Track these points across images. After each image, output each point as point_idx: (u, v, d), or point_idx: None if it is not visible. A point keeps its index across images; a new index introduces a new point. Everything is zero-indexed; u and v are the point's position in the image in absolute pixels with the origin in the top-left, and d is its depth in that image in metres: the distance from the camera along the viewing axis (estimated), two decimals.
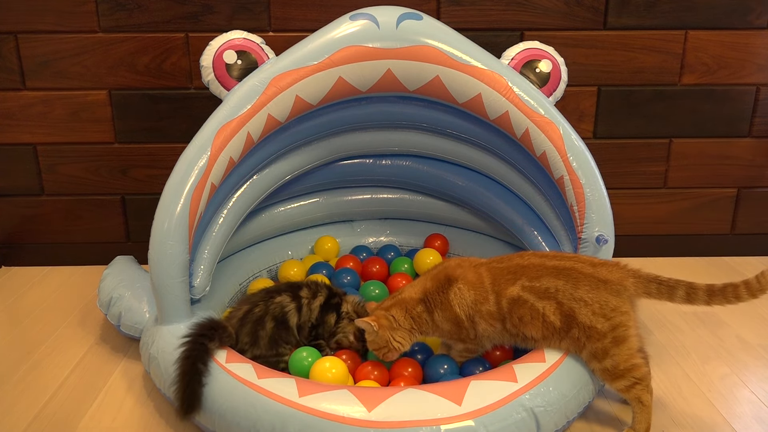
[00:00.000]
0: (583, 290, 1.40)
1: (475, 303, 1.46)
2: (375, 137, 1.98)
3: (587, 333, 1.39)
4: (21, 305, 2.03)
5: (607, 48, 2.13)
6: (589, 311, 1.39)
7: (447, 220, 2.15)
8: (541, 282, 1.43)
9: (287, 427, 1.25)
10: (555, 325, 1.41)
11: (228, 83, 1.68)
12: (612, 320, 1.38)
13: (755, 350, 1.78)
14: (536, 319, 1.42)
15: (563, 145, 1.65)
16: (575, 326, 1.39)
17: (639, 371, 1.38)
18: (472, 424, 1.24)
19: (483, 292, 1.46)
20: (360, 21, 1.67)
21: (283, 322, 1.57)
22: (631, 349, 1.38)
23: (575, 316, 1.39)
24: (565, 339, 1.41)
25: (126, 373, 1.67)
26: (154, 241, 1.53)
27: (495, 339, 1.51)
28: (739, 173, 2.28)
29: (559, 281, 1.41)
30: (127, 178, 2.22)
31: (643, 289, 1.39)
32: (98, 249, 2.28)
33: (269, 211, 2.06)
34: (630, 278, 1.40)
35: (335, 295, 1.66)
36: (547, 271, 1.44)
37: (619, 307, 1.38)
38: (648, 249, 2.32)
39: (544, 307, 1.41)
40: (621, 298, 1.39)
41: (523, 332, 1.45)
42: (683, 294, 1.37)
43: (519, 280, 1.44)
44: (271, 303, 1.58)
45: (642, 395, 1.38)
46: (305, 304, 1.61)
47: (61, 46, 2.09)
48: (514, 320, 1.44)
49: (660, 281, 1.39)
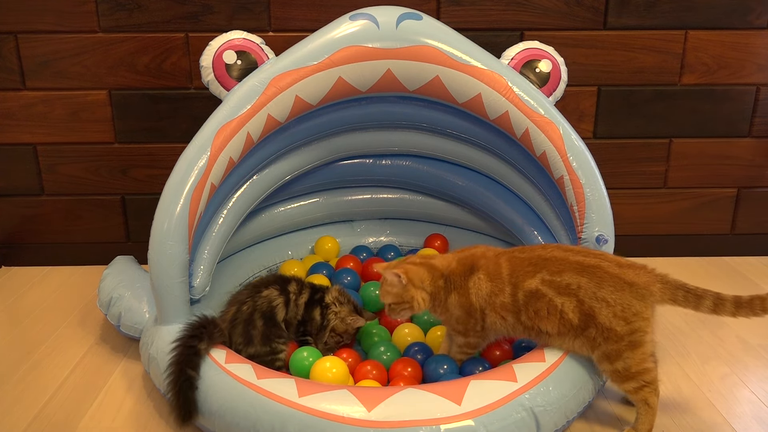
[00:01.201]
0: (606, 290, 1.36)
1: (489, 295, 1.44)
2: (375, 137, 1.98)
3: (605, 334, 1.36)
4: (21, 305, 2.03)
5: (607, 48, 2.13)
6: (610, 312, 1.36)
7: (447, 220, 2.15)
8: (563, 277, 1.39)
9: (287, 427, 1.25)
10: (572, 322, 1.38)
11: (228, 83, 1.68)
12: (632, 324, 1.35)
13: (755, 350, 1.78)
14: (553, 315, 1.39)
15: (563, 145, 1.65)
16: (593, 326, 1.37)
17: (649, 375, 1.37)
18: (471, 423, 1.24)
19: (500, 283, 1.44)
20: (360, 21, 1.67)
21: (271, 318, 1.57)
22: (645, 354, 1.36)
23: (595, 315, 1.36)
24: (579, 337, 1.39)
25: (126, 373, 1.67)
26: (154, 241, 1.53)
27: (502, 332, 1.49)
28: (739, 173, 2.28)
29: (582, 278, 1.38)
30: (127, 178, 2.22)
31: (670, 296, 1.36)
32: (98, 249, 2.28)
33: (269, 211, 2.06)
34: (657, 283, 1.37)
35: (318, 291, 1.67)
36: (570, 266, 1.40)
37: (641, 312, 1.35)
38: (648, 249, 2.32)
39: (563, 303, 1.38)
40: (645, 302, 1.36)
41: (538, 326, 1.42)
42: (710, 304, 1.34)
43: (539, 273, 1.41)
44: (258, 298, 1.58)
45: (649, 398, 1.38)
46: (292, 300, 1.62)
47: (61, 46, 2.09)
48: (530, 313, 1.41)
49: (687, 289, 1.36)
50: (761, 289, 2.11)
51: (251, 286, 1.65)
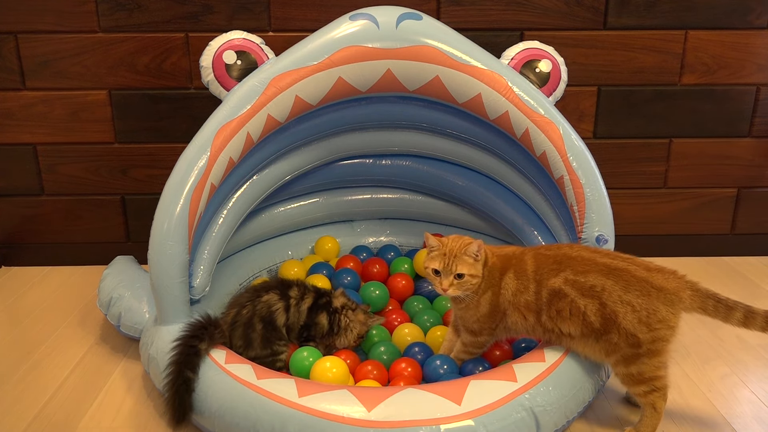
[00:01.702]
0: (632, 294, 1.33)
1: (515, 293, 1.42)
2: (375, 137, 1.98)
3: (628, 340, 1.33)
4: (21, 305, 2.03)
5: (607, 48, 2.13)
6: (635, 318, 1.32)
7: (447, 220, 2.14)
8: (587, 278, 1.36)
9: (287, 427, 1.25)
10: (594, 325, 1.36)
11: (228, 83, 1.68)
12: (655, 332, 1.32)
13: (755, 350, 1.78)
14: (576, 316, 1.37)
15: (563, 145, 1.64)
16: (614, 330, 1.34)
17: (661, 381, 1.36)
18: (471, 423, 1.24)
19: (525, 280, 1.41)
20: (360, 21, 1.67)
21: (270, 322, 1.57)
22: (661, 362, 1.35)
23: (617, 320, 1.33)
24: (600, 341, 1.36)
25: (126, 373, 1.67)
26: (154, 242, 1.53)
27: (520, 333, 1.47)
28: (739, 173, 2.28)
29: (608, 281, 1.35)
30: (127, 178, 2.22)
31: (699, 304, 1.33)
32: (98, 249, 2.28)
33: (269, 211, 2.06)
34: (687, 290, 1.34)
35: (323, 295, 1.66)
36: (596, 267, 1.37)
37: (668, 320, 1.32)
38: (648, 249, 2.32)
39: (586, 305, 1.35)
40: (674, 308, 1.32)
41: (559, 327, 1.39)
42: (740, 317, 1.32)
43: (563, 272, 1.38)
44: (258, 302, 1.58)
45: (657, 402, 1.37)
46: (293, 305, 1.61)
47: (61, 46, 2.09)
48: (552, 313, 1.39)
49: (718, 299, 1.33)
50: (761, 289, 2.11)
51: (252, 289, 1.64)
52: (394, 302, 1.89)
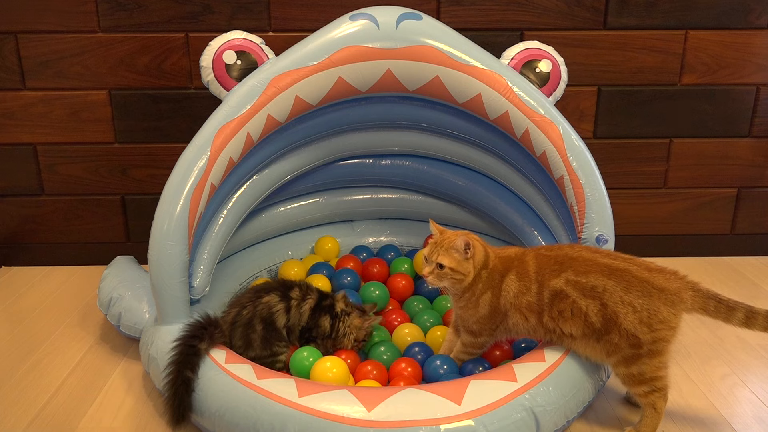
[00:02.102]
0: (634, 295, 1.33)
1: (516, 295, 1.41)
2: (375, 137, 1.98)
3: (629, 341, 1.33)
4: (21, 305, 2.03)
5: (607, 48, 2.13)
6: (635, 318, 1.32)
7: (447, 220, 2.14)
8: (589, 279, 1.36)
9: (287, 427, 1.25)
10: (595, 326, 1.36)
11: (228, 83, 1.68)
12: (656, 333, 1.32)
13: (755, 350, 1.78)
14: (577, 317, 1.37)
15: (563, 145, 1.65)
16: (615, 331, 1.34)
17: (661, 381, 1.36)
18: (471, 423, 1.24)
19: (527, 281, 1.41)
20: (360, 21, 1.67)
21: (270, 323, 1.56)
22: (662, 362, 1.35)
23: (618, 320, 1.33)
24: (601, 341, 1.36)
25: (126, 373, 1.67)
26: (154, 242, 1.53)
27: (521, 334, 1.47)
28: (739, 173, 2.28)
29: (610, 281, 1.35)
30: (127, 178, 2.22)
31: (701, 305, 1.33)
32: (98, 249, 2.28)
33: (269, 211, 2.06)
34: (689, 290, 1.34)
35: (326, 297, 1.65)
36: (598, 267, 1.37)
37: (669, 321, 1.32)
38: (648, 249, 2.32)
39: (588, 305, 1.35)
40: (675, 309, 1.32)
41: (561, 328, 1.39)
42: (741, 317, 1.32)
43: (564, 273, 1.38)
44: (259, 303, 1.57)
45: (657, 402, 1.37)
46: (294, 306, 1.60)
47: (61, 46, 2.09)
48: (554, 313, 1.39)
49: (720, 299, 1.33)
50: (761, 289, 2.11)
51: (253, 290, 1.64)
52: (394, 302, 1.89)
